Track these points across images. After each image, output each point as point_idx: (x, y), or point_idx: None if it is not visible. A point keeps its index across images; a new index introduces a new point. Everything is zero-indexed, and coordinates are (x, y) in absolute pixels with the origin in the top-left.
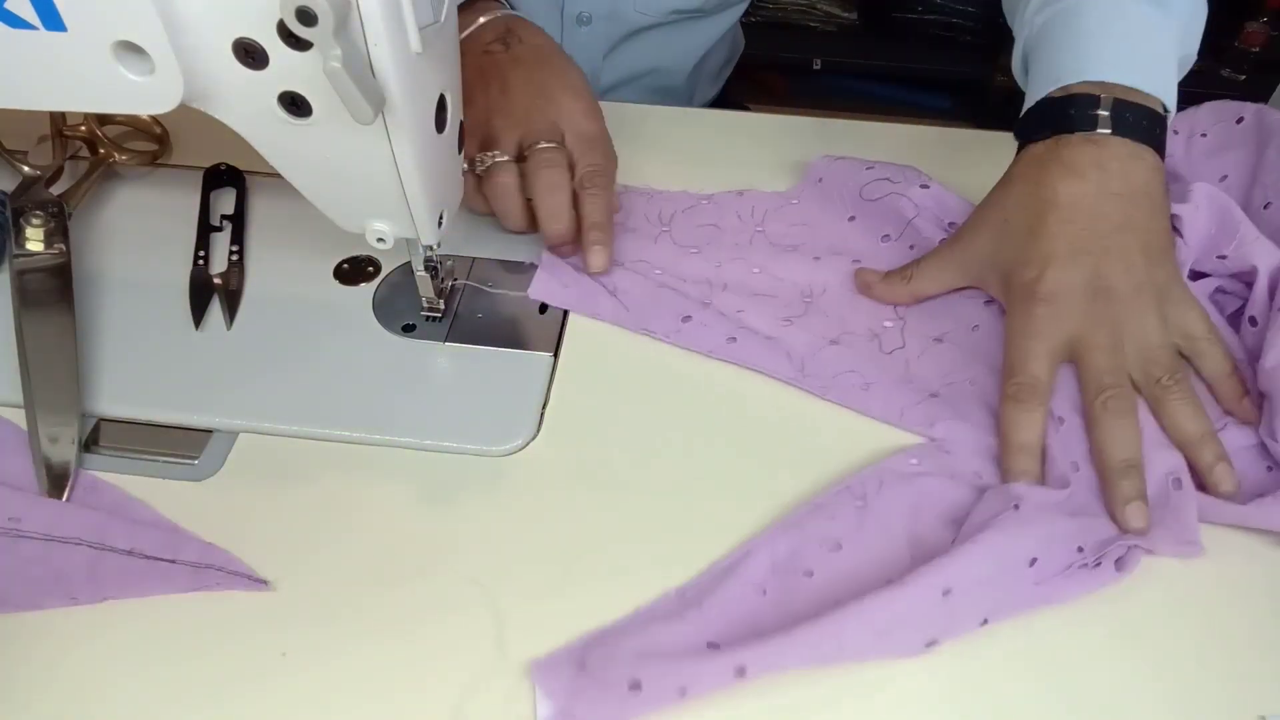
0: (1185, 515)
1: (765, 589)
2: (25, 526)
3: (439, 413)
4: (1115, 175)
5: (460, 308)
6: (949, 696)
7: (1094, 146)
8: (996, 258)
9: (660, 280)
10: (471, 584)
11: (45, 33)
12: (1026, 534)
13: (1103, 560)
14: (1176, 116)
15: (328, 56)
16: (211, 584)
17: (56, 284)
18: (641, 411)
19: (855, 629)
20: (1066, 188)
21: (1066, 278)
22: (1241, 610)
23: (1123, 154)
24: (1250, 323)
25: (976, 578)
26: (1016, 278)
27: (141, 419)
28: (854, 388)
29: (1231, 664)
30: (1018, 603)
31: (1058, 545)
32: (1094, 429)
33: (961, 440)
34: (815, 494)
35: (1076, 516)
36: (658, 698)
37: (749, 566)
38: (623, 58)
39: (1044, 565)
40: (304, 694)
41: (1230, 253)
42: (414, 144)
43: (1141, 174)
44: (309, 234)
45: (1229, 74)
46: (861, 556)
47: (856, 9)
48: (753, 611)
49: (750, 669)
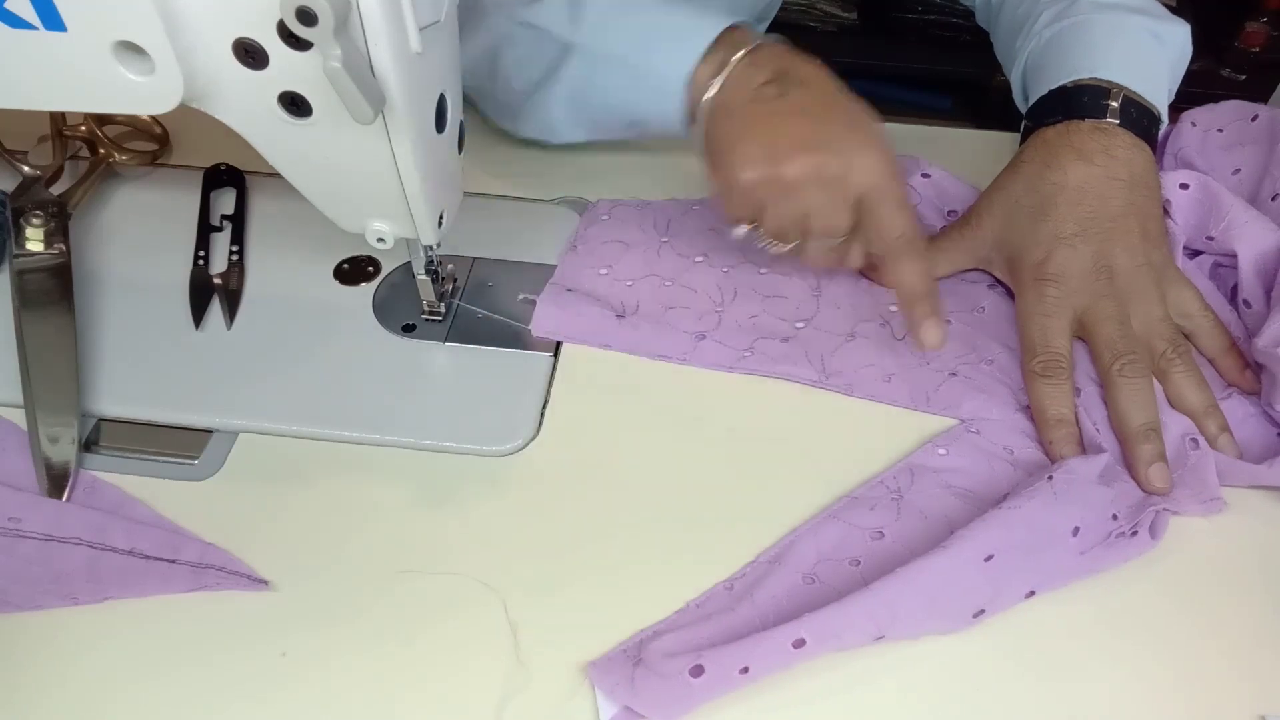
0: (1205, 473)
1: (814, 578)
2: (25, 526)
3: (439, 413)
4: (1121, 163)
5: (460, 308)
6: (941, 694)
7: (1102, 134)
8: (1004, 239)
9: (671, 294)
10: (471, 584)
11: (45, 33)
12: (1065, 504)
13: (1139, 528)
14: (1195, 111)
15: (328, 56)
16: (211, 584)
17: (56, 284)
18: (642, 411)
19: (907, 596)
20: (1076, 171)
21: (1074, 257)
22: (1242, 610)
23: (1127, 144)
24: (1245, 304)
25: (1017, 545)
26: (1026, 258)
27: (141, 419)
28: (877, 381)
29: (1232, 663)
30: (1064, 572)
31: (1094, 514)
32: (1112, 395)
33: (989, 418)
34: (829, 487)
35: (1109, 484)
36: (721, 680)
37: (796, 556)
38: None
39: (1086, 535)
40: (304, 694)
41: (1217, 235)
42: (414, 144)
43: (1142, 163)
44: (309, 234)
45: (1229, 74)
46: (904, 543)
47: (856, 9)
48: (803, 601)
49: (809, 641)
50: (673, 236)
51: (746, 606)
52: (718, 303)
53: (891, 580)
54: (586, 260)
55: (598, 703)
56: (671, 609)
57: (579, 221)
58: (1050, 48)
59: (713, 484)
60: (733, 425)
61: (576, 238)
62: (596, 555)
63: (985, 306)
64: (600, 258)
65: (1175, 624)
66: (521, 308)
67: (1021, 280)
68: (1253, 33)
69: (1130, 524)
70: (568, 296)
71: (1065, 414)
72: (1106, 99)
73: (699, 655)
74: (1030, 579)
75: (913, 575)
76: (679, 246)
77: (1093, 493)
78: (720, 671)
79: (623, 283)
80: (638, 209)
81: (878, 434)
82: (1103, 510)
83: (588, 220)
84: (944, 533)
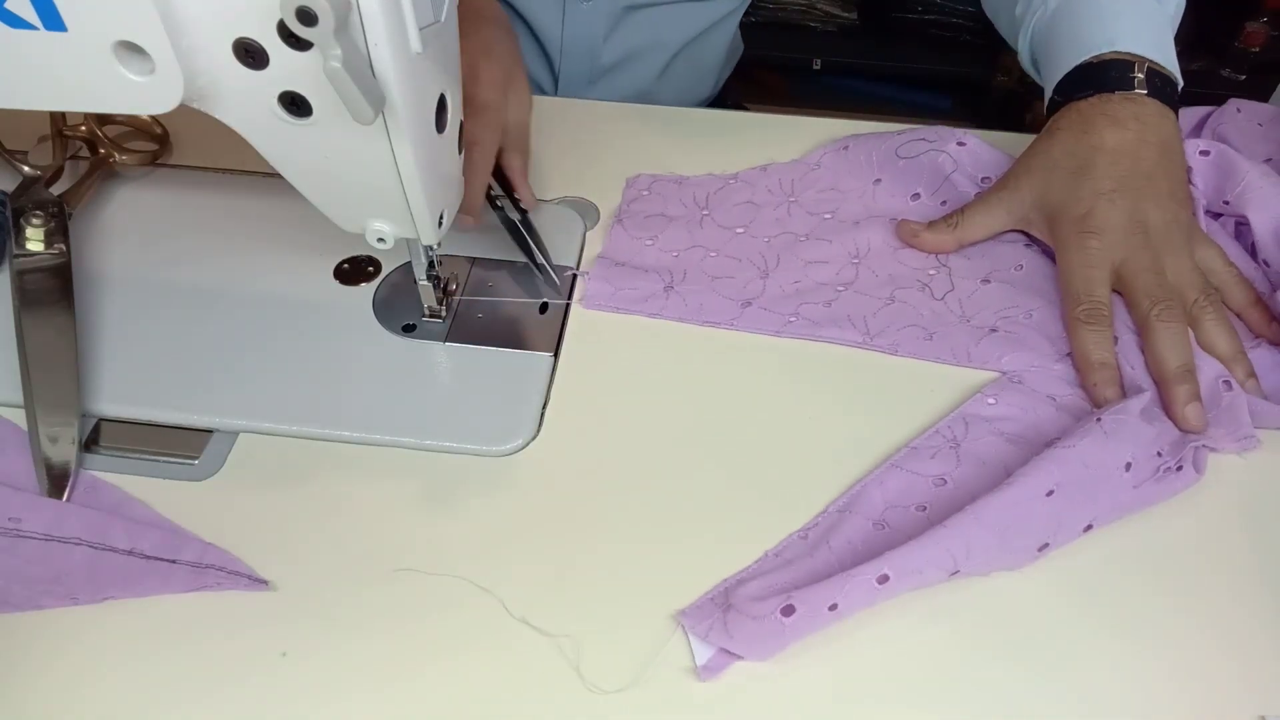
0: (1239, 412)
1: (884, 524)
2: (25, 526)
3: (439, 413)
4: (1152, 128)
5: (460, 308)
6: (941, 691)
7: (1132, 104)
8: (1044, 199)
9: (717, 264)
10: (471, 584)
11: (45, 33)
12: (1117, 441)
13: (1183, 464)
14: (1241, 103)
15: (328, 56)
16: (211, 584)
17: (56, 284)
18: (642, 411)
19: (978, 531)
20: (1113, 135)
21: (1114, 212)
22: (1242, 610)
23: (1156, 112)
24: (1264, 264)
25: (1075, 480)
26: (1067, 213)
27: (141, 419)
28: (919, 340)
29: (1232, 663)
30: (1119, 506)
31: (1143, 450)
32: (1150, 339)
33: (1030, 368)
34: (884, 442)
35: (1152, 423)
36: (811, 618)
37: (864, 503)
38: (622, 37)
39: (1138, 469)
40: (304, 694)
41: (1233, 199)
42: (414, 144)
43: (1169, 129)
44: (309, 234)
45: (1229, 74)
46: (967, 489)
47: (856, 9)
48: (877, 546)
49: (893, 577)
50: (712, 209)
51: (824, 552)
52: (762, 271)
53: (962, 517)
54: (632, 232)
55: (692, 647)
56: (699, 592)
57: (621, 196)
58: (1060, 18)
59: (713, 485)
60: (735, 428)
61: (621, 211)
62: (597, 556)
63: (1024, 264)
64: (645, 229)
65: (1175, 624)
66: (520, 308)
67: (1063, 235)
68: (1253, 33)
69: (1175, 459)
70: (617, 270)
71: (1108, 358)
72: (1132, 71)
73: (788, 596)
74: (1089, 512)
75: (981, 512)
76: (719, 219)
77: (1140, 430)
78: (810, 610)
79: (669, 253)
80: (676, 184)
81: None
82: (1150, 446)
83: (630, 196)
84: (1003, 476)
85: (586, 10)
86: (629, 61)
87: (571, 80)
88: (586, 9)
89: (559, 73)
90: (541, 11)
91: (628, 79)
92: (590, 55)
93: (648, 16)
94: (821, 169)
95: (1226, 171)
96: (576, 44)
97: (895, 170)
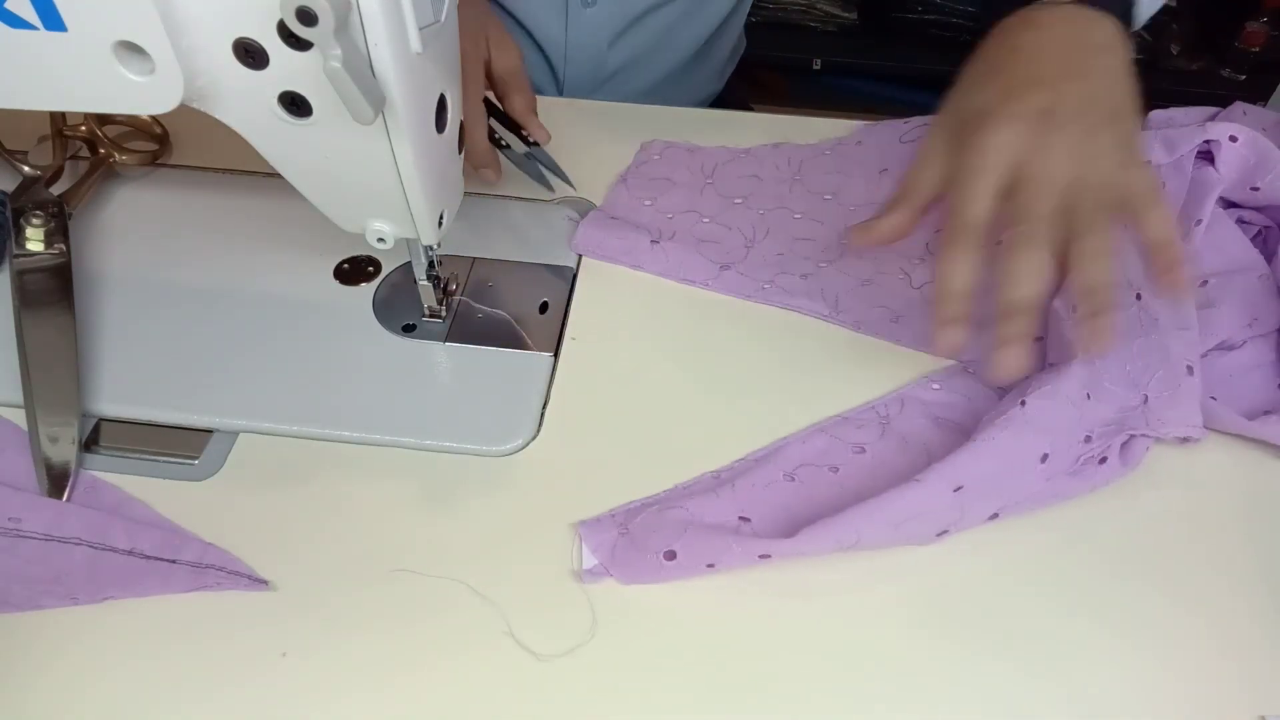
0: (1190, 401)
1: (794, 477)
2: (25, 526)
3: (439, 413)
4: (1080, 29)
5: (460, 308)
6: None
7: (1061, 9)
8: (963, 110)
9: (707, 229)
10: (471, 584)
11: (45, 33)
12: (1035, 430)
13: (1108, 456)
14: (1245, 107)
15: (328, 56)
16: (211, 584)
17: (56, 284)
18: (641, 411)
19: (872, 524)
20: (1031, 36)
21: (1021, 105)
22: (1241, 610)
23: (1088, 15)
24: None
25: (986, 474)
26: (967, 123)
27: (141, 419)
28: (885, 321)
29: (1232, 663)
30: (1030, 497)
31: (1064, 438)
32: (1004, 260)
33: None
34: (826, 411)
35: (1077, 405)
36: (688, 569)
37: (781, 456)
38: (627, 41)
39: (1055, 460)
40: (304, 694)
41: (1264, 186)
42: (414, 144)
43: (1105, 32)
44: (309, 234)
45: (1229, 74)
46: (882, 460)
47: (856, 9)
48: (781, 496)
49: (774, 555)
50: (716, 179)
51: (726, 491)
52: (749, 240)
53: (860, 509)
54: (634, 193)
55: (581, 554)
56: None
57: (632, 159)
58: None
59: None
60: (735, 429)
61: (627, 172)
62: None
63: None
64: (647, 191)
65: (1175, 623)
66: (520, 308)
67: (965, 135)
68: (1253, 33)
69: (1103, 447)
70: (610, 222)
71: (959, 287)
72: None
73: (675, 538)
74: (995, 503)
75: (882, 504)
76: (721, 188)
77: (1064, 415)
78: (689, 562)
79: (664, 215)
80: (688, 151)
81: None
82: (1074, 433)
83: (640, 159)
84: (920, 458)
85: (590, 16)
86: (633, 67)
87: (575, 86)
88: (590, 15)
89: (563, 79)
90: (544, 18)
91: (633, 84)
92: (595, 61)
93: (654, 21)
94: (832, 155)
95: (1257, 159)
96: (580, 50)
97: (900, 160)
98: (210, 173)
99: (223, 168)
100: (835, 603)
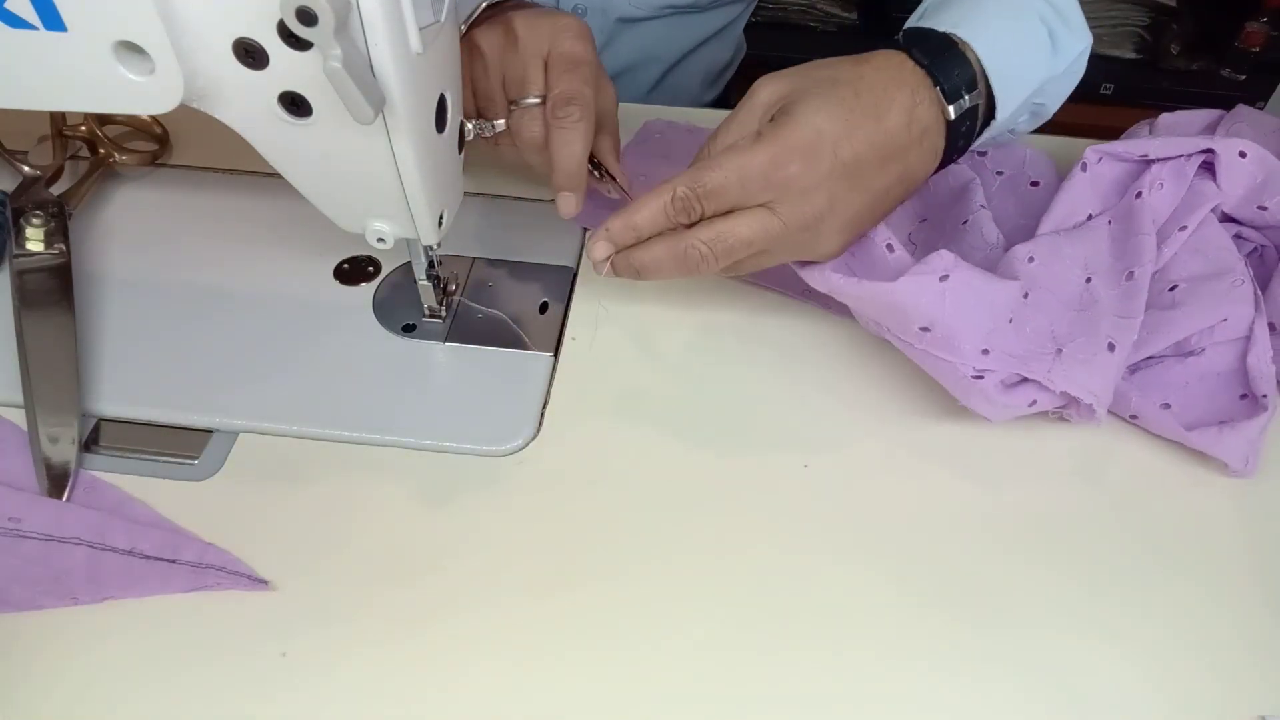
0: (1102, 373)
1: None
2: (25, 526)
3: (439, 413)
4: (879, 66)
5: (460, 308)
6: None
7: (922, 100)
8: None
9: None
10: (471, 584)
11: (45, 33)
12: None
13: (985, 377)
14: (1246, 109)
15: (328, 56)
16: (211, 584)
17: (56, 284)
18: (641, 411)
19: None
20: (872, 78)
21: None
22: (1241, 610)
23: (897, 61)
24: None
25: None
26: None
27: (141, 419)
28: (878, 278)
29: (1230, 663)
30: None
31: (987, 313)
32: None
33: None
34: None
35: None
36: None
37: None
38: (616, 50)
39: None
40: (304, 694)
41: (1271, 206)
42: (414, 144)
43: (894, 71)
44: (309, 234)
45: (1229, 74)
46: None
47: (856, 9)
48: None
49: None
50: None
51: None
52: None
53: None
54: (631, 167)
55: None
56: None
57: (633, 137)
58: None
59: (713, 486)
60: (735, 430)
61: (626, 148)
62: (596, 555)
63: (1035, 257)
64: (640, 168)
65: (1175, 623)
66: (520, 308)
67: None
68: (1253, 33)
69: (994, 368)
70: (600, 197)
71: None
72: (966, 73)
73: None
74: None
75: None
76: None
77: (1000, 293)
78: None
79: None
80: (688, 131)
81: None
82: (995, 316)
83: (640, 137)
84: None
85: None
86: (626, 74)
87: None
88: None
89: None
90: None
91: (625, 92)
92: None
93: (642, 30)
94: None
95: (1264, 177)
96: None
97: None
98: (210, 173)
99: (223, 168)
100: (821, 581)
